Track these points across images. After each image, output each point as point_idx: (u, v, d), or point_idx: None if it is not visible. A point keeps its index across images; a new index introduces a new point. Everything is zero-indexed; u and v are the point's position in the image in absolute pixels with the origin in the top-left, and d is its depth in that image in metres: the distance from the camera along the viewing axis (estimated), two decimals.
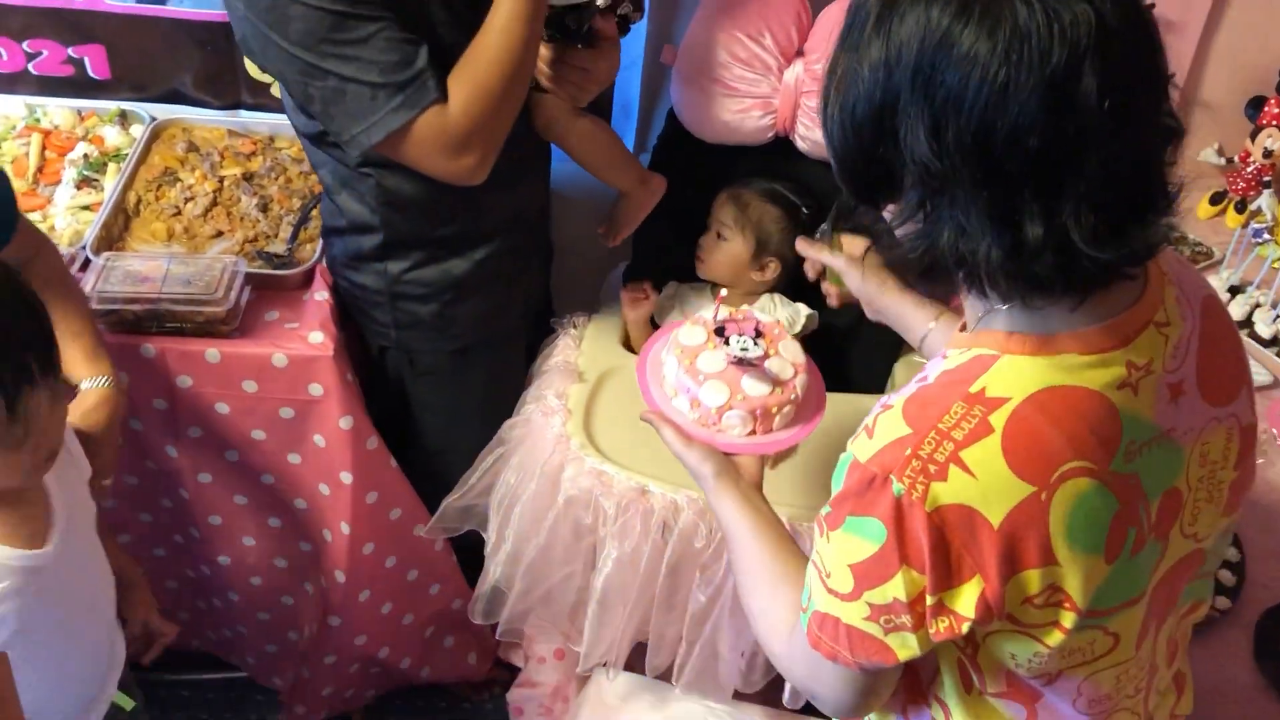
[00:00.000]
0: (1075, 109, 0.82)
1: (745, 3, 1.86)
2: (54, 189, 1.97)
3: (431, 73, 1.48)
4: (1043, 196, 0.85)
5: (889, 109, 0.87)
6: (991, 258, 0.88)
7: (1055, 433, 0.91)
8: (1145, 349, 0.96)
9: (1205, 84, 2.23)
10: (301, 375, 1.75)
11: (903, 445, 0.93)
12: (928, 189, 0.88)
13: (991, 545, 0.91)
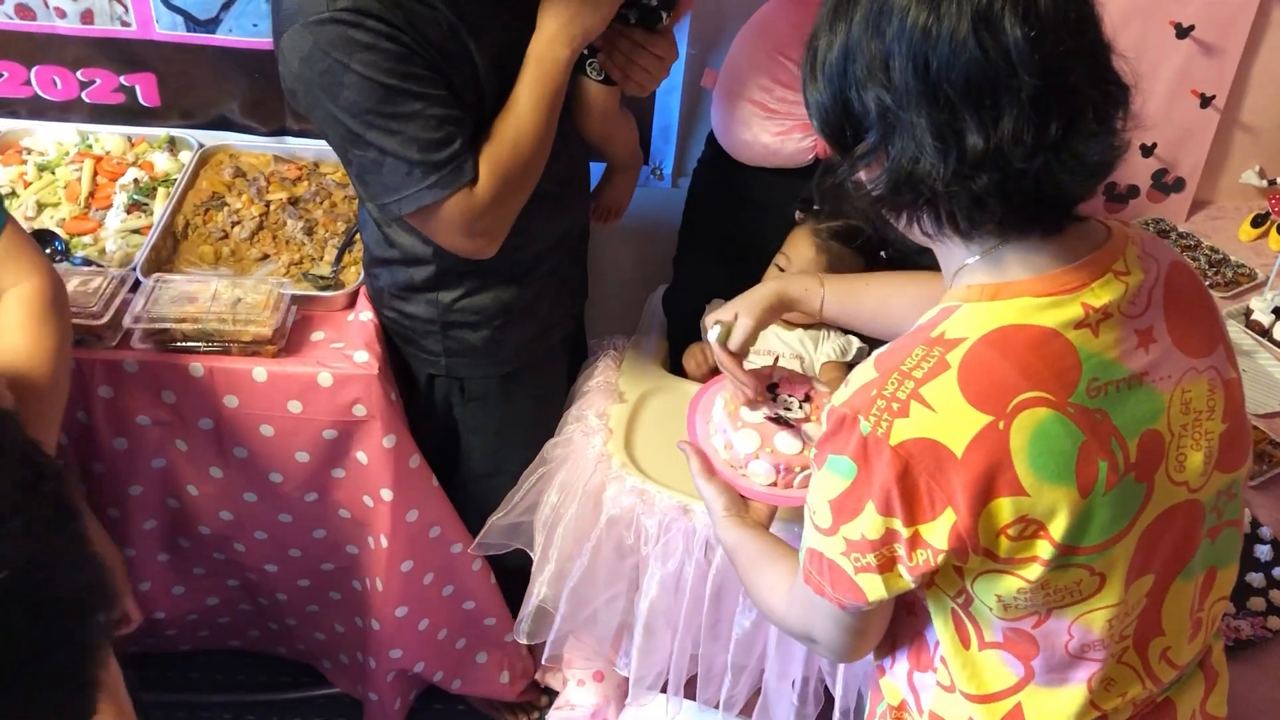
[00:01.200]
0: (999, 40, 0.94)
1: (785, 26, 1.87)
2: (105, 213, 2.01)
3: (468, 155, 1.53)
4: (980, 116, 0.95)
5: (850, 56, 1.01)
6: (937, 174, 0.97)
7: (1008, 366, 0.99)
8: (1102, 293, 1.02)
9: (1245, 107, 2.23)
10: (346, 394, 1.77)
11: (869, 388, 1.02)
12: (885, 124, 1.00)
13: (958, 475, 0.98)
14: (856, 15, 1.00)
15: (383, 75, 1.45)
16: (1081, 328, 1.01)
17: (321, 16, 1.43)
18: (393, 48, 1.45)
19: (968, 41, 0.94)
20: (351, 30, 1.43)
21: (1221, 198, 2.35)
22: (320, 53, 1.44)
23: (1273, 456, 1.77)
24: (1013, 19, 0.93)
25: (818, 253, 1.84)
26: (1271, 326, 2.01)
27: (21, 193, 2.02)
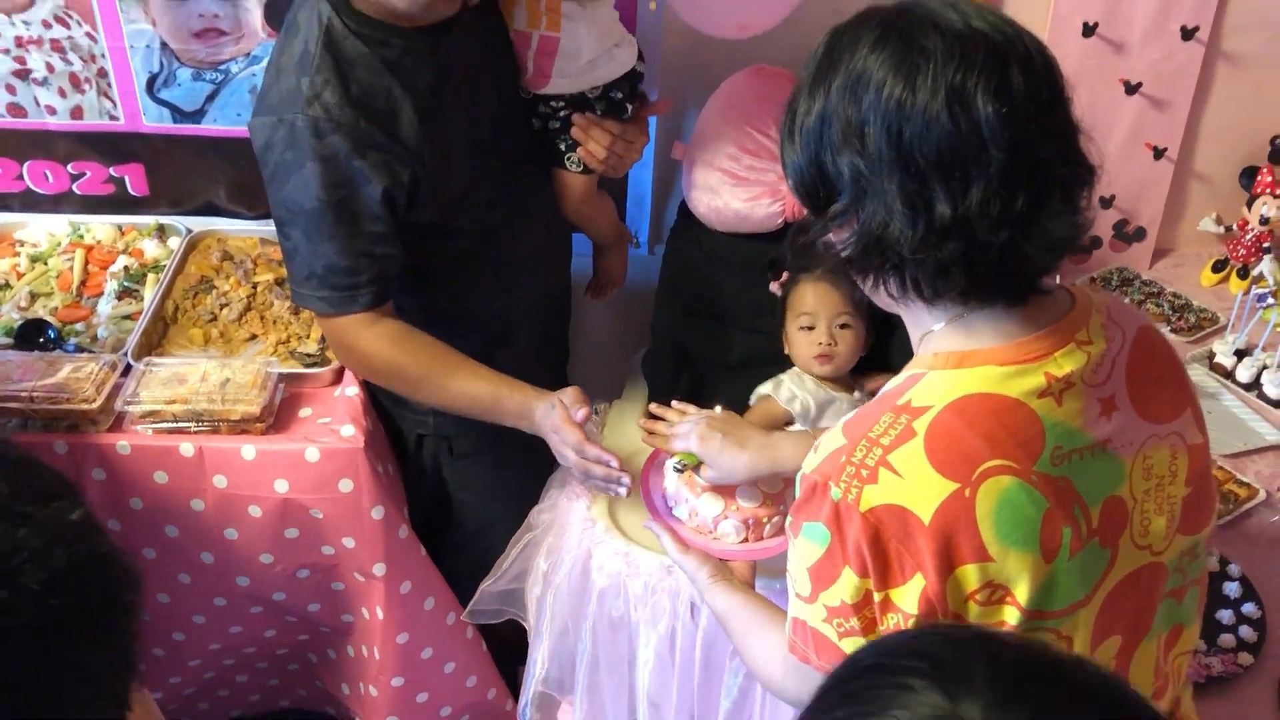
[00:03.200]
0: (971, 116, 0.97)
1: (750, 97, 1.96)
2: (97, 300, 2.06)
3: (367, 292, 1.64)
4: (949, 187, 0.99)
5: (827, 122, 1.04)
6: (905, 240, 1.00)
7: (973, 434, 1.01)
8: (1065, 362, 1.05)
9: (1198, 157, 2.31)
10: (333, 469, 1.81)
11: (839, 454, 1.04)
12: (857, 188, 1.03)
13: (926, 542, 1.00)
14: (835, 82, 1.03)
15: (323, 191, 1.55)
16: (1045, 397, 1.03)
17: (292, 117, 1.52)
18: (347, 171, 1.55)
19: (940, 115, 0.98)
20: (315, 139, 1.52)
21: (1182, 245, 2.42)
22: (280, 146, 1.55)
23: (1238, 495, 1.82)
24: (985, 96, 0.97)
25: (838, 290, 1.84)
26: (1234, 368, 2.07)
27: (15, 284, 2.08)
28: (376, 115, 1.56)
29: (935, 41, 0.99)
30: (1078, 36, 2.11)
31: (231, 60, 2.10)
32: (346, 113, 1.53)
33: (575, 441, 1.60)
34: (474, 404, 1.70)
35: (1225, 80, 2.21)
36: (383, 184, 1.57)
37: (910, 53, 1.00)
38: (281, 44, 1.59)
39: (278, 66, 1.58)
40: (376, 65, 1.56)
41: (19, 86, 2.11)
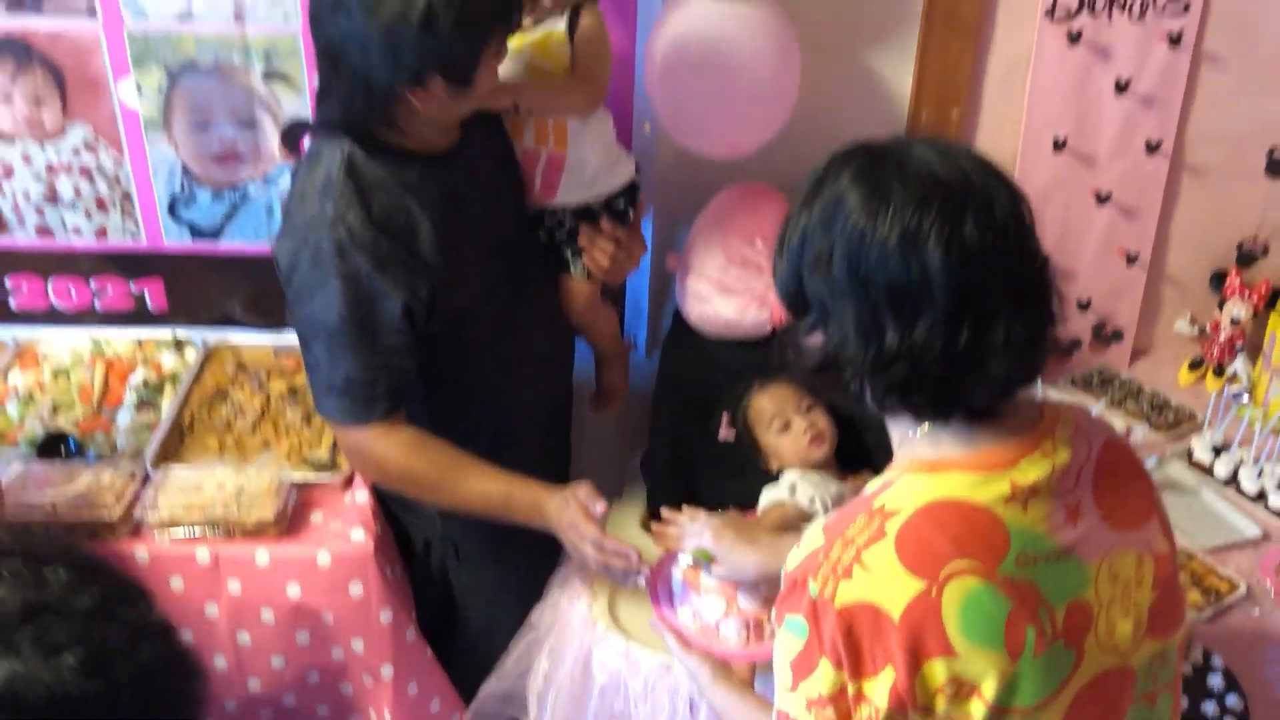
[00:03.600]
0: (921, 259, 1.05)
1: (737, 211, 2.07)
2: (116, 411, 2.14)
3: (383, 404, 1.73)
4: (898, 319, 1.07)
5: (805, 243, 1.12)
6: (860, 361, 1.09)
7: (941, 537, 1.08)
8: (1030, 470, 1.11)
9: (1169, 262, 2.42)
10: (344, 573, 1.87)
11: (817, 553, 1.11)
12: (823, 309, 1.12)
13: (895, 637, 1.06)
14: (817, 206, 1.11)
15: (345, 307, 1.64)
16: (1010, 503, 1.09)
17: (317, 237, 1.62)
18: (368, 288, 1.64)
19: (894, 253, 1.05)
20: (339, 259, 1.62)
21: (1159, 345, 2.52)
22: (305, 265, 1.64)
23: (1219, 590, 1.87)
24: (935, 242, 1.04)
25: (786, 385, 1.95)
26: (1212, 464, 2.14)
27: (38, 397, 2.16)
28: (397, 234, 1.66)
29: (902, 182, 1.07)
30: (1049, 151, 2.24)
31: (249, 182, 2.22)
32: (368, 233, 1.63)
33: (594, 536, 1.67)
34: (487, 503, 1.76)
35: (1190, 190, 2.33)
36: (402, 299, 1.66)
37: (879, 189, 1.07)
38: (305, 173, 1.69)
39: (301, 194, 1.68)
40: (396, 188, 1.67)
41: (48, 209, 2.23)
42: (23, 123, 2.14)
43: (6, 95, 2.12)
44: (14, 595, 0.66)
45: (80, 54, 2.09)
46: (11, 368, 2.23)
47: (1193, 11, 2.15)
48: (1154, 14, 2.14)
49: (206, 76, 2.12)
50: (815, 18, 2.10)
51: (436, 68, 1.54)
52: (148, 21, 2.06)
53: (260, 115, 2.16)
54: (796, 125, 2.05)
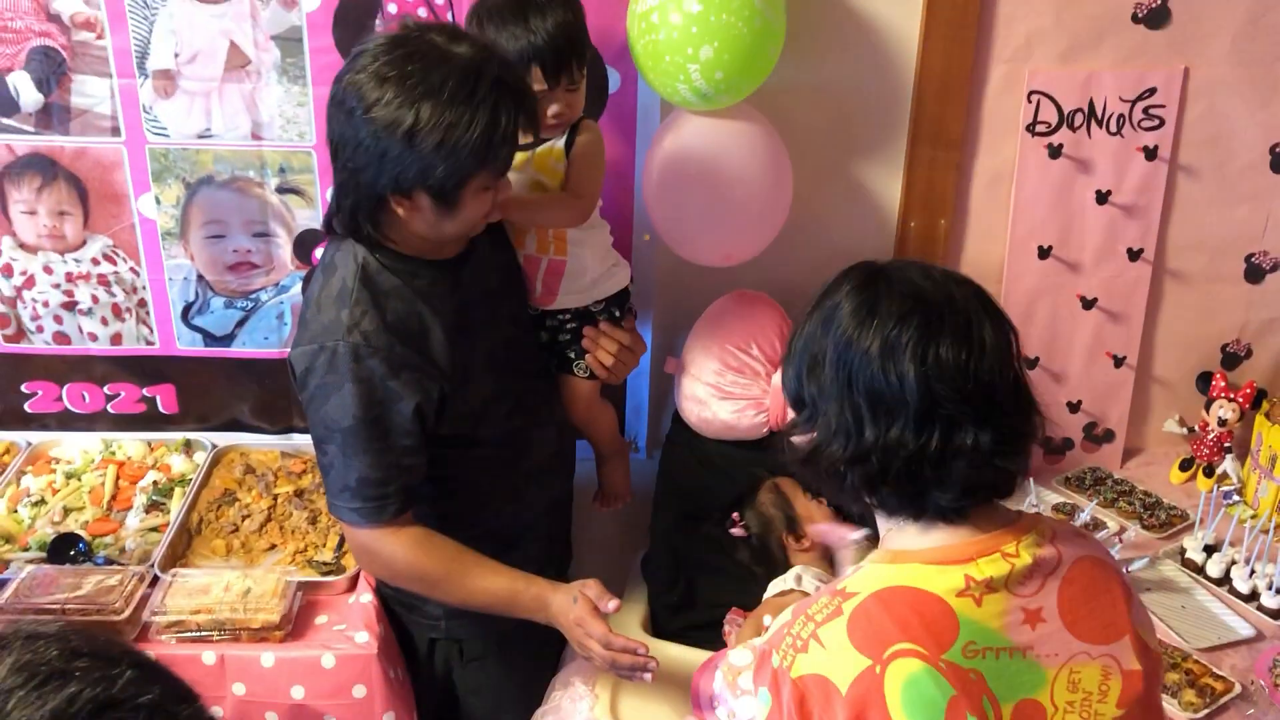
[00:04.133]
0: (898, 368, 1.16)
1: (734, 319, 2.14)
2: (125, 514, 2.19)
3: (395, 503, 1.77)
4: (875, 418, 1.17)
5: (806, 347, 1.24)
6: (836, 455, 1.20)
7: (888, 619, 1.16)
8: (986, 568, 1.18)
9: (1156, 363, 2.48)
10: (347, 675, 1.89)
11: (784, 628, 1.21)
12: (814, 404, 1.23)
13: (842, 710, 1.13)
14: (817, 314, 1.24)
15: (360, 409, 1.70)
16: (963, 596, 1.16)
17: (334, 343, 1.68)
18: (382, 392, 1.70)
19: (874, 361, 1.17)
20: (354, 363, 1.68)
21: (1150, 445, 2.56)
22: (321, 370, 1.70)
23: (1215, 689, 1.89)
24: (911, 355, 1.15)
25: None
26: (1204, 564, 2.17)
27: (50, 499, 2.21)
28: (410, 338, 1.72)
29: (888, 298, 1.19)
30: (1035, 259, 2.32)
31: (262, 290, 2.30)
32: (383, 338, 1.69)
33: (601, 633, 1.69)
34: (492, 599, 1.79)
35: (1174, 295, 2.40)
36: (414, 401, 1.72)
37: (869, 303, 1.20)
38: (321, 281, 1.76)
39: (317, 302, 1.74)
40: (408, 294, 1.73)
41: (65, 317, 2.30)
42: (45, 235, 2.23)
43: (31, 208, 2.21)
44: (88, 692, 0.71)
45: (104, 169, 2.18)
46: (25, 471, 2.28)
47: (1167, 127, 2.24)
48: (1130, 129, 2.24)
49: (223, 189, 2.21)
50: (807, 133, 2.19)
51: (420, 184, 1.61)
52: (169, 139, 2.16)
53: (274, 226, 2.24)
54: (790, 235, 2.14)
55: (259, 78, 2.12)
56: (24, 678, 0.72)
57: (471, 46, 1.60)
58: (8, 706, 0.70)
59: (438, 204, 1.64)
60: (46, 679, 0.72)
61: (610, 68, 2.13)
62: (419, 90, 1.55)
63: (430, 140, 1.55)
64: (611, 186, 2.22)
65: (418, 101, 1.54)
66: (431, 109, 1.54)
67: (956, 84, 2.19)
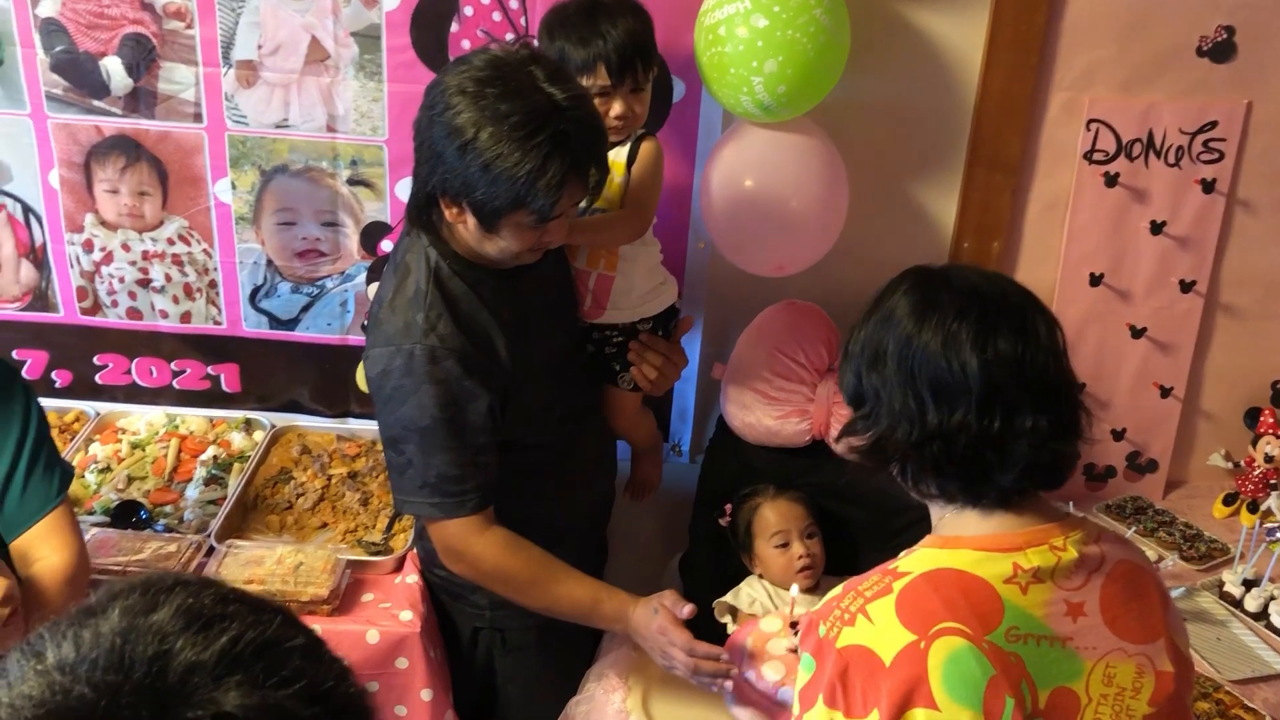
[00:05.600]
0: (960, 359, 1.23)
1: (782, 327, 2.18)
2: (185, 485, 2.27)
3: (474, 497, 1.82)
4: (939, 406, 1.24)
5: (864, 347, 1.31)
6: (902, 441, 1.26)
7: (936, 598, 1.21)
8: (1034, 558, 1.23)
9: (1204, 396, 2.48)
10: (391, 650, 1.96)
11: (833, 601, 1.26)
12: (877, 398, 1.29)
13: (885, 682, 1.17)
14: (875, 315, 1.31)
15: (441, 409, 1.75)
16: (1010, 583, 1.22)
17: (410, 346, 1.74)
18: (459, 390, 1.75)
19: (937, 353, 1.24)
20: (432, 365, 1.74)
21: (1194, 478, 2.56)
22: (397, 373, 1.75)
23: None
24: (972, 346, 1.23)
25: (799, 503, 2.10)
26: (1242, 598, 2.17)
27: (115, 467, 2.30)
28: (479, 341, 1.78)
29: (946, 296, 1.27)
30: (1086, 285, 2.34)
31: (328, 277, 2.37)
32: (458, 340, 1.75)
33: (684, 641, 1.73)
34: (574, 608, 1.84)
35: (1225, 329, 2.41)
36: (487, 399, 1.78)
37: (927, 301, 1.28)
38: (394, 283, 1.81)
39: (391, 304, 1.79)
40: (475, 301, 1.79)
41: (139, 293, 2.40)
42: (126, 214, 2.33)
43: (114, 187, 2.30)
44: (249, 634, 0.76)
45: (184, 153, 2.27)
46: (93, 439, 2.37)
47: (1226, 160, 2.25)
48: (1188, 161, 2.25)
49: (296, 178, 2.29)
50: (865, 149, 2.23)
51: (464, 196, 1.66)
52: (248, 127, 2.25)
53: (343, 216, 2.32)
54: (843, 249, 2.17)
55: (337, 72, 2.20)
56: (187, 619, 0.76)
57: (563, 92, 1.62)
58: (178, 645, 0.74)
59: (479, 221, 1.69)
60: (209, 622, 0.76)
61: (676, 77, 2.18)
62: (486, 113, 1.60)
63: (478, 161, 1.61)
64: (670, 194, 2.27)
65: (480, 122, 1.60)
66: (490, 134, 1.59)
67: (1016, 108, 2.22)
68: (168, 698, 0.72)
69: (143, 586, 0.80)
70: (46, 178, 2.30)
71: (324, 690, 0.78)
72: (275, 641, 0.78)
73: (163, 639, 0.75)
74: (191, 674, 0.73)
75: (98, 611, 0.77)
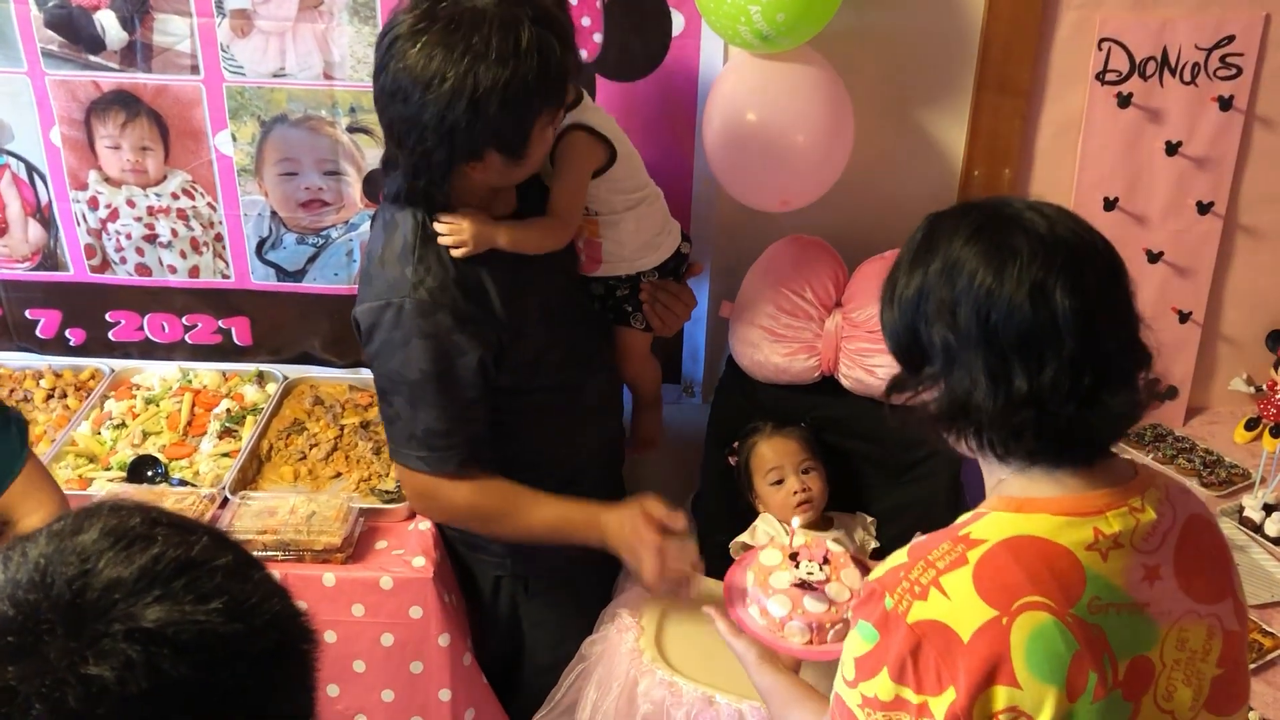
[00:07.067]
0: (1049, 308, 1.13)
1: (788, 262, 2.16)
2: (200, 439, 2.29)
3: (460, 454, 1.82)
4: (1026, 365, 1.14)
5: (924, 296, 1.20)
6: (986, 407, 1.16)
7: (1018, 570, 1.13)
8: (1115, 522, 1.16)
9: (1224, 320, 2.43)
10: (405, 596, 1.97)
11: (898, 570, 1.17)
12: (947, 357, 1.18)
13: (963, 659, 1.11)
14: (934, 265, 1.19)
15: (430, 363, 1.75)
16: (1091, 550, 1.15)
17: (400, 300, 1.73)
18: (449, 345, 1.75)
19: (1024, 305, 1.13)
20: (421, 319, 1.73)
21: (1215, 403, 2.52)
22: (387, 326, 1.75)
23: (1263, 645, 1.88)
24: (1063, 293, 1.12)
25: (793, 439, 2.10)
26: (1263, 523, 2.14)
27: (130, 423, 2.32)
28: (470, 293, 1.77)
29: (1022, 241, 1.16)
30: (1100, 210, 2.29)
31: (332, 227, 2.37)
32: (448, 293, 1.74)
33: (653, 540, 1.76)
34: (547, 529, 1.87)
35: (1245, 250, 2.35)
36: (478, 354, 1.77)
37: (1000, 249, 1.16)
38: (383, 239, 1.80)
39: (381, 259, 1.78)
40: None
41: (146, 249, 2.40)
42: (129, 170, 2.32)
43: (116, 143, 2.30)
44: (170, 553, 0.79)
45: (183, 107, 2.26)
46: (108, 396, 2.39)
47: (1244, 76, 2.19)
48: (1205, 78, 2.19)
49: (296, 128, 2.28)
50: (870, 78, 2.19)
51: (491, 144, 1.65)
52: (245, 78, 2.23)
53: (344, 165, 2.30)
54: (850, 182, 2.13)
55: (331, 18, 2.17)
56: (112, 540, 0.79)
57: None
58: (99, 565, 0.77)
59: (508, 157, 1.68)
60: (132, 541, 0.79)
61: (674, 10, 2.14)
62: (468, 58, 1.57)
63: (494, 102, 1.59)
64: (673, 131, 2.24)
65: (470, 69, 1.57)
66: (486, 72, 1.57)
67: (1025, 30, 2.16)
68: (86, 614, 0.75)
69: (75, 513, 0.83)
70: (48, 136, 2.30)
71: (247, 607, 0.80)
72: (198, 560, 0.80)
73: (85, 559, 0.78)
74: (110, 590, 0.76)
75: (31, 539, 0.81)
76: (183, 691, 0.75)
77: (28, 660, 0.73)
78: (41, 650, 0.74)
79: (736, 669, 1.60)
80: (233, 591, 0.79)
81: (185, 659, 0.75)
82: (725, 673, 1.84)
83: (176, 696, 0.75)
